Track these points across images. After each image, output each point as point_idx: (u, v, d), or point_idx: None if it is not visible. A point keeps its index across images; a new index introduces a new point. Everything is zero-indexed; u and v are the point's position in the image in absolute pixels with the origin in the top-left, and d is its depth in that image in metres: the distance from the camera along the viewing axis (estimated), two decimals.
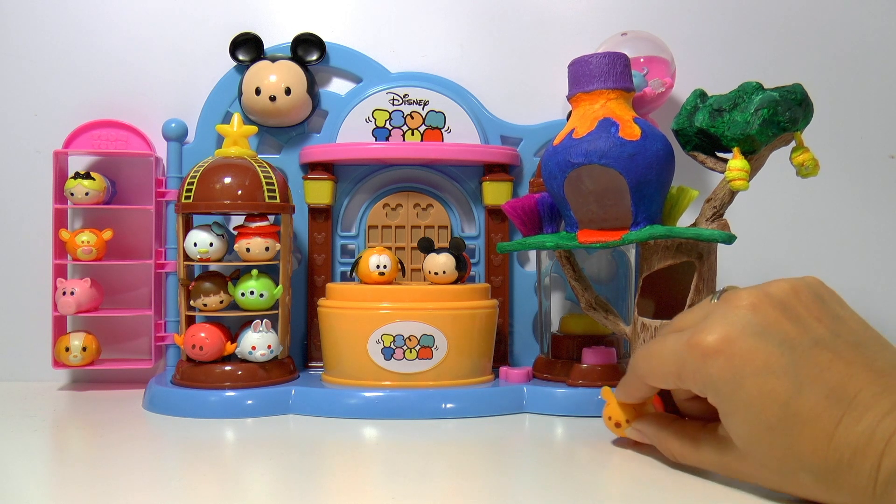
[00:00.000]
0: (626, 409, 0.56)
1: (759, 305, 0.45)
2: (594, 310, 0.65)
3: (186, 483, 0.50)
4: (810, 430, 0.42)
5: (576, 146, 0.59)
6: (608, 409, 0.57)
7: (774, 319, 0.44)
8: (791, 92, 0.57)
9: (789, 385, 0.43)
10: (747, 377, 0.44)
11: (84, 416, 0.67)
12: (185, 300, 0.72)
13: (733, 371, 0.44)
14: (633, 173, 0.58)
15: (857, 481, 0.40)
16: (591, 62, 0.60)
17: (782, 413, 0.43)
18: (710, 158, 0.61)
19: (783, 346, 0.44)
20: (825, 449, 0.41)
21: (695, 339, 0.46)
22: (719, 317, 0.46)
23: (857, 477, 0.40)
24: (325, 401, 0.67)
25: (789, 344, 0.44)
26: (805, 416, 0.42)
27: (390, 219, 0.80)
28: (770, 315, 0.45)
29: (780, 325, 0.44)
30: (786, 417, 0.42)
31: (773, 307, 0.45)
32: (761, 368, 0.43)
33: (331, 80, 0.82)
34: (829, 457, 0.41)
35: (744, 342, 0.44)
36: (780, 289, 0.46)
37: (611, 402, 0.57)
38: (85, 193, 0.75)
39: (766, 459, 0.44)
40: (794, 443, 0.42)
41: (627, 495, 0.48)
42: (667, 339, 0.49)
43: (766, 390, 0.43)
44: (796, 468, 0.43)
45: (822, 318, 0.45)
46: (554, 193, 0.62)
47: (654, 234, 0.58)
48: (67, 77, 0.81)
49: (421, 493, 0.47)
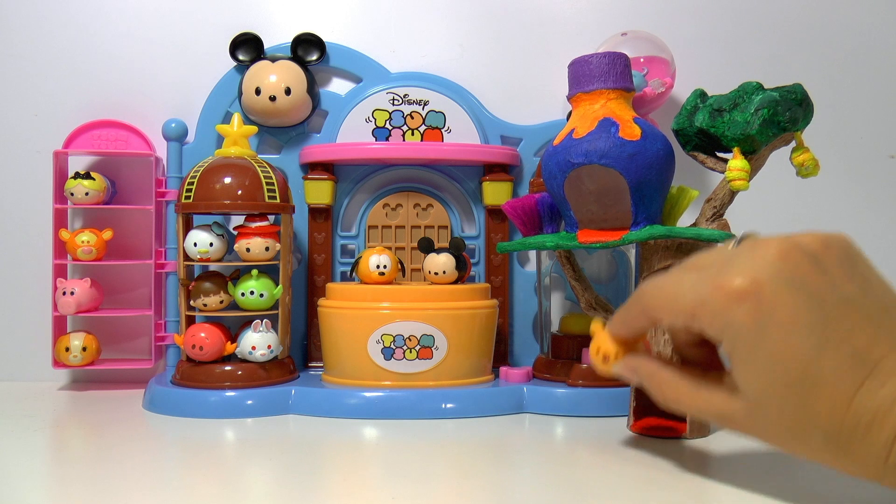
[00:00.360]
0: (617, 344, 0.51)
1: (790, 254, 0.42)
2: (594, 310, 0.65)
3: (186, 483, 0.50)
4: (831, 390, 0.40)
5: (576, 146, 0.59)
6: (597, 340, 0.52)
7: (805, 271, 0.41)
8: (791, 92, 0.57)
9: (815, 342, 0.40)
10: (772, 328, 0.41)
11: (84, 416, 0.67)
12: (185, 300, 0.72)
13: (759, 319, 0.41)
14: (633, 173, 0.58)
15: (871, 448, 0.39)
16: (591, 62, 0.60)
17: (803, 370, 0.40)
18: (711, 158, 0.61)
19: (812, 300, 0.41)
20: (843, 412, 0.40)
21: (720, 280, 0.42)
22: (748, 260, 0.42)
23: (872, 444, 0.39)
24: (325, 401, 0.67)
25: (819, 299, 0.41)
26: (827, 375, 0.40)
27: (390, 219, 0.80)
28: (801, 265, 0.41)
29: (810, 277, 0.41)
30: (806, 375, 0.40)
31: (803, 257, 0.42)
32: (788, 320, 0.41)
33: (331, 80, 0.82)
34: (846, 420, 0.40)
35: (773, 290, 0.41)
36: (811, 240, 0.43)
37: (600, 334, 0.52)
38: (85, 193, 0.75)
39: (776, 416, 0.42)
40: (811, 402, 0.40)
41: (627, 495, 0.48)
42: (685, 274, 0.45)
43: (790, 344, 0.40)
44: (808, 429, 0.41)
45: (852, 277, 0.42)
46: (554, 193, 0.62)
47: (654, 234, 0.58)
48: (67, 77, 0.81)
49: (421, 493, 0.47)
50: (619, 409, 0.66)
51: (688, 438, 0.59)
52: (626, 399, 0.65)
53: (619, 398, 0.66)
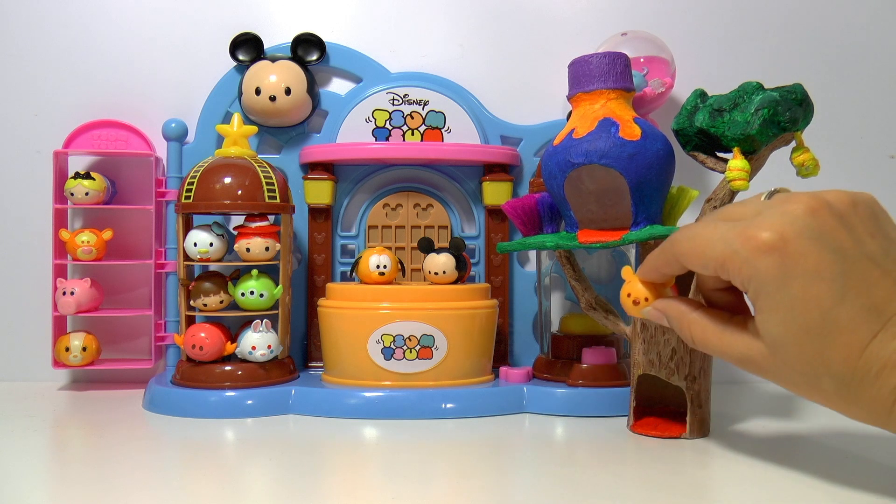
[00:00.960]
0: (647, 288, 0.53)
1: (818, 210, 0.45)
2: (594, 310, 0.65)
3: (186, 483, 0.50)
4: (846, 338, 0.43)
5: (576, 146, 0.59)
6: (628, 286, 0.54)
7: (831, 227, 0.44)
8: (791, 92, 0.57)
9: (835, 292, 0.43)
10: (796, 278, 0.44)
11: (84, 416, 0.67)
12: (185, 300, 0.72)
13: (783, 270, 0.44)
14: (633, 173, 0.58)
15: (878, 395, 0.42)
16: (591, 62, 0.60)
17: (821, 318, 0.43)
18: (711, 158, 0.61)
19: (836, 254, 0.44)
20: (856, 359, 0.43)
21: (750, 232, 0.45)
22: (777, 214, 0.45)
23: (879, 391, 0.42)
24: (325, 401, 0.67)
25: (842, 253, 0.44)
26: (843, 324, 0.43)
27: (390, 219, 0.80)
28: (828, 222, 0.44)
29: (835, 232, 0.44)
30: (824, 323, 0.43)
31: (830, 214, 0.45)
32: (811, 271, 0.43)
33: (331, 80, 0.82)
34: (857, 367, 0.43)
35: (799, 243, 0.44)
36: (839, 198, 0.45)
37: (631, 280, 0.54)
38: (85, 193, 0.75)
39: (794, 360, 0.44)
40: (827, 348, 0.43)
41: (627, 495, 0.48)
42: (717, 224, 0.48)
43: (812, 294, 0.43)
44: (822, 373, 0.44)
45: (876, 235, 0.45)
46: (554, 193, 0.62)
47: (655, 233, 0.58)
48: (67, 77, 0.81)
49: (421, 493, 0.47)
50: (619, 409, 0.66)
51: (687, 438, 0.59)
52: (625, 399, 0.65)
53: (619, 398, 0.67)
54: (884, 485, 0.48)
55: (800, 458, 0.55)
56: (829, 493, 0.47)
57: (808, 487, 0.48)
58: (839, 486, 0.48)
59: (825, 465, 0.52)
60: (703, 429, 0.61)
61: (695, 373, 0.60)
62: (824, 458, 0.55)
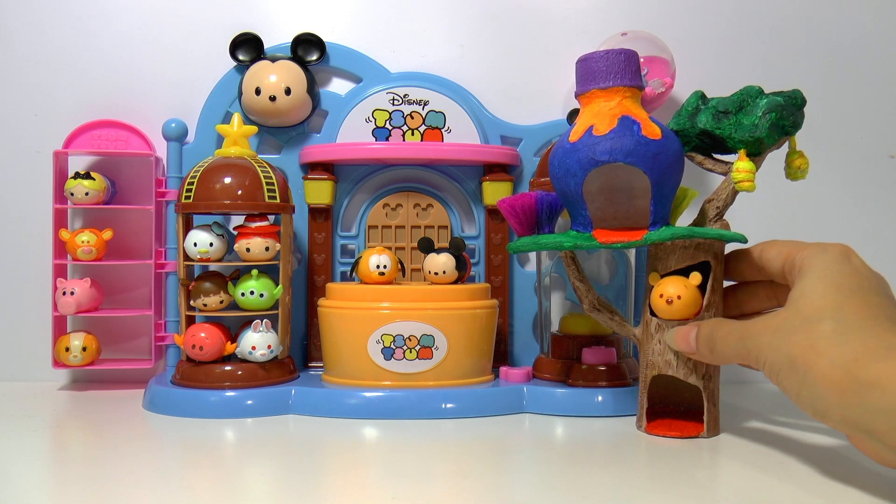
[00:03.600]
0: (674, 284, 0.60)
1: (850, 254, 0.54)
2: (598, 311, 0.64)
3: (186, 483, 0.50)
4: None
5: (599, 143, 0.57)
6: (658, 288, 0.60)
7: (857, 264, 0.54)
8: (792, 97, 0.58)
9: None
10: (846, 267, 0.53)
11: (84, 416, 0.67)
12: (185, 300, 0.72)
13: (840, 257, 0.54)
14: (656, 172, 0.57)
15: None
16: (607, 58, 0.58)
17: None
18: (709, 159, 0.62)
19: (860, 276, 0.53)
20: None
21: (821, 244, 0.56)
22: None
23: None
24: (325, 401, 0.67)
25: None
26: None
27: (390, 219, 0.80)
28: (854, 260, 0.54)
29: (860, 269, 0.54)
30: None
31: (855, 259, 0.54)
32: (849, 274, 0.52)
33: (331, 80, 0.82)
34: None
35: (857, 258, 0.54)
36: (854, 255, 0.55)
37: (660, 283, 0.60)
38: (85, 193, 0.75)
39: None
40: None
41: (627, 495, 0.48)
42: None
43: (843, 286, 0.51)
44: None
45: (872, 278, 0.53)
46: (569, 192, 0.59)
47: (677, 234, 0.58)
48: (67, 77, 0.81)
49: (421, 493, 0.47)
50: (620, 409, 0.66)
51: (705, 437, 0.60)
52: (625, 399, 0.65)
53: (619, 398, 0.67)
54: (884, 485, 0.48)
55: (806, 452, 0.55)
56: (831, 493, 0.47)
57: (810, 488, 0.48)
58: (840, 486, 0.48)
59: (845, 463, 0.52)
60: (718, 427, 0.61)
61: (710, 372, 0.60)
62: (846, 452, 0.55)
